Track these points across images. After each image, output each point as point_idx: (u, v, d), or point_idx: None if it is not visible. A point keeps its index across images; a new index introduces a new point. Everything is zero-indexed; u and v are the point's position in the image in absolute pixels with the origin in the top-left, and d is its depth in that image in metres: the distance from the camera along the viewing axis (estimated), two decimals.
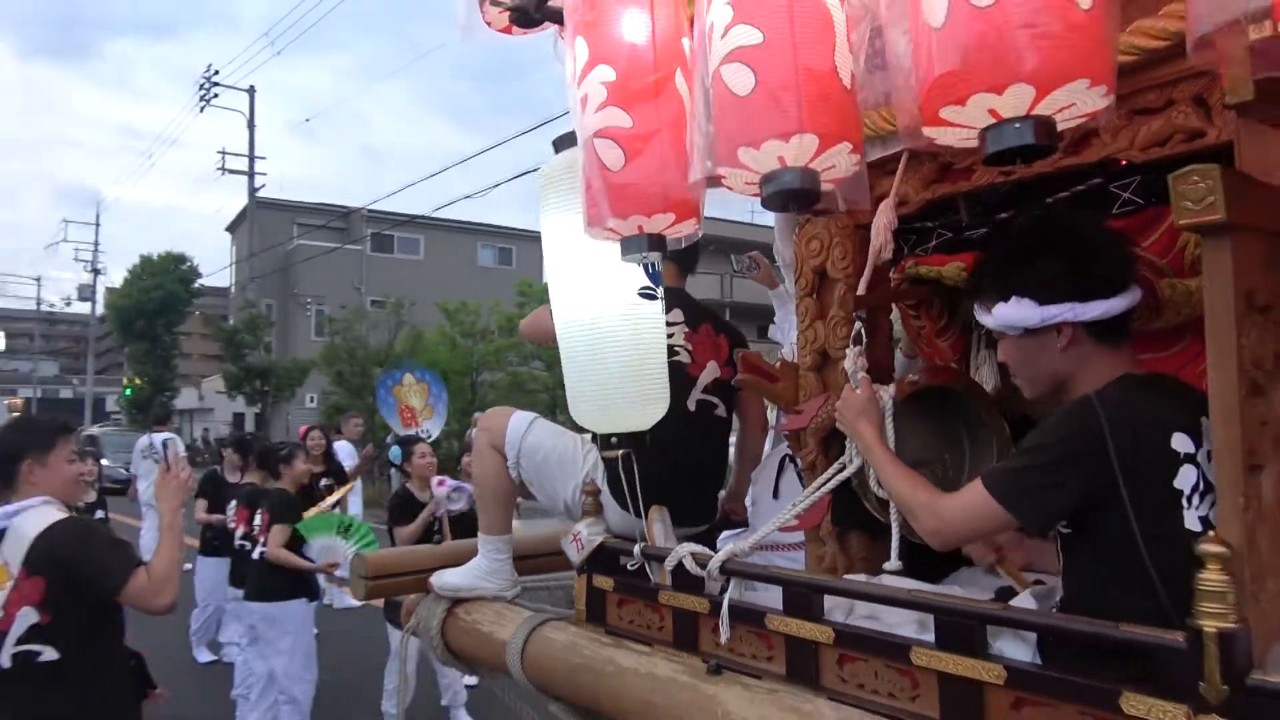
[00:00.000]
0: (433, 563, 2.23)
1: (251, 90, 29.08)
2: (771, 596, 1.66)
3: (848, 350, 1.59)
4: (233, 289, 35.61)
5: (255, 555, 4.42)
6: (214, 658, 6.14)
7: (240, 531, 4.71)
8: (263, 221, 30.32)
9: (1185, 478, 1.17)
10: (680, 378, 1.94)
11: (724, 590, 1.64)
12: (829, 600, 1.54)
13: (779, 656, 1.55)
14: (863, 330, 1.60)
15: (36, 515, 2.22)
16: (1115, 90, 0.95)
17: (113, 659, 2.31)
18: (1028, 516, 1.25)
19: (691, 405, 2.01)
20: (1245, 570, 1.08)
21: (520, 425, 2.05)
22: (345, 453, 6.99)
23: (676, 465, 1.93)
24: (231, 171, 29.75)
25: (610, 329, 1.75)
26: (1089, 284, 1.24)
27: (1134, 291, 1.27)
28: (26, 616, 2.14)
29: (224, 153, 29.64)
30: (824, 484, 1.61)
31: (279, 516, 4.40)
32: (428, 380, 5.21)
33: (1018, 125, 0.94)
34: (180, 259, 32.84)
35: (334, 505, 5.32)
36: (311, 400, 29.63)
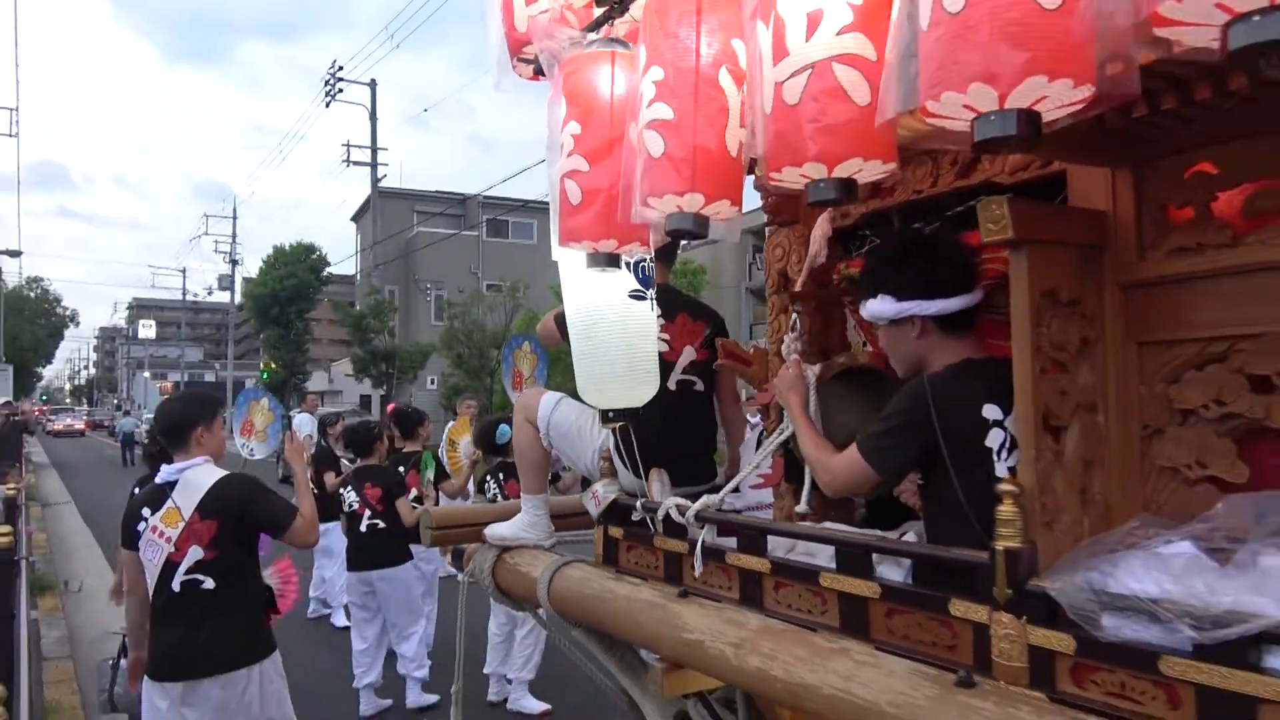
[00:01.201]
0: (486, 518, 2.77)
1: (373, 84, 30.83)
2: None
3: (785, 336, 2.00)
4: (358, 276, 37.92)
5: (364, 527, 5.14)
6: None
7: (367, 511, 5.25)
8: (385, 210, 32.25)
9: (994, 438, 1.53)
10: (660, 363, 2.38)
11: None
12: (774, 541, 1.97)
13: (735, 585, 1.99)
14: (798, 320, 2.00)
15: (204, 471, 2.93)
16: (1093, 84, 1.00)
17: (253, 589, 3.01)
18: (882, 470, 1.65)
19: (672, 385, 2.44)
20: (1036, 505, 1.44)
21: (549, 403, 2.55)
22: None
23: (665, 434, 2.37)
24: (355, 163, 31.68)
25: (607, 325, 2.21)
26: (934, 285, 1.61)
27: (975, 293, 1.62)
28: (194, 553, 2.84)
29: (348, 145, 31.54)
30: (769, 448, 2.03)
31: (397, 490, 5.13)
32: (537, 353, 5.80)
33: (992, 118, 1.01)
34: (310, 249, 35.27)
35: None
36: (432, 382, 31.45)
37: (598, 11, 2.03)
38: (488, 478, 5.22)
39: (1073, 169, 1.58)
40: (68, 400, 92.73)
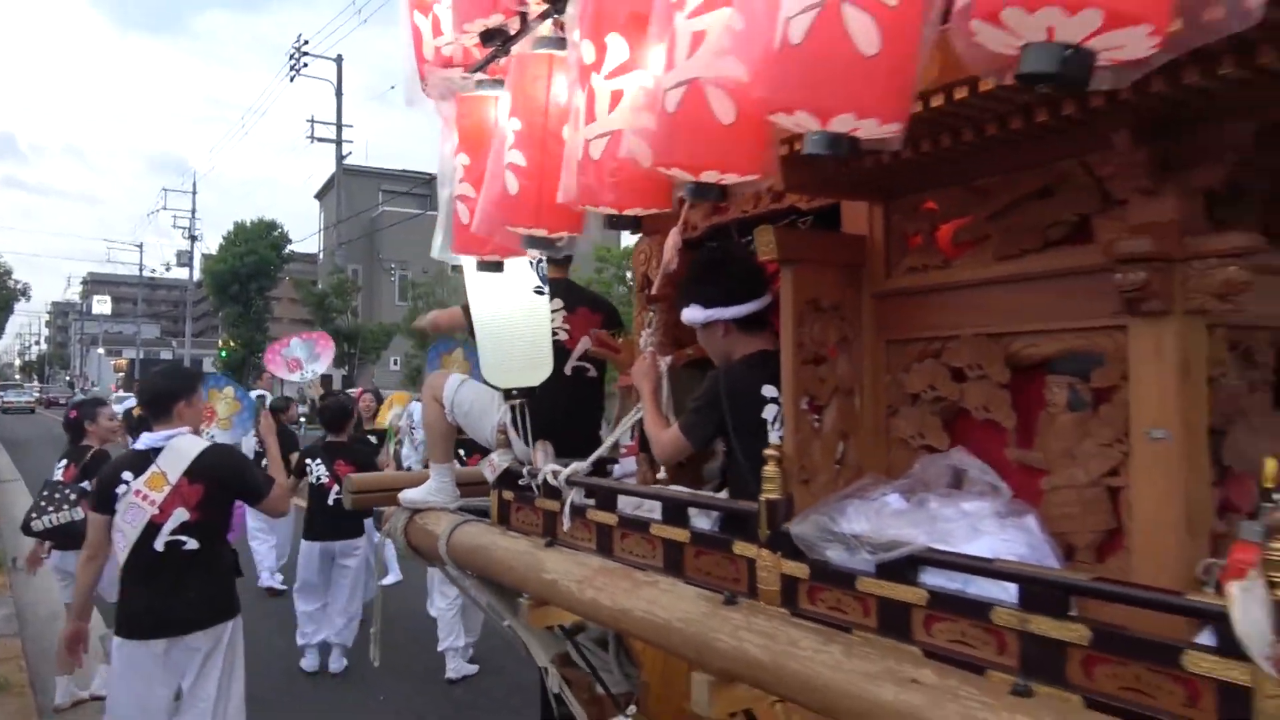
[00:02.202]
0: (400, 484, 3.17)
1: (339, 59, 30.76)
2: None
3: (643, 331, 2.42)
4: (321, 255, 37.87)
5: (331, 500, 5.52)
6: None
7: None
8: (349, 188, 32.28)
9: (769, 412, 1.96)
10: (559, 351, 2.79)
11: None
12: (624, 500, 2.39)
13: (593, 537, 2.41)
14: (654, 317, 2.42)
15: (189, 440, 3.30)
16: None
17: (224, 550, 3.40)
18: (693, 441, 2.08)
19: (568, 370, 2.85)
20: (795, 467, 1.87)
21: (454, 384, 2.95)
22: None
23: (557, 412, 2.78)
24: (320, 140, 31.63)
25: (510, 315, 2.62)
26: (731, 294, 2.04)
27: (766, 298, 2.05)
28: (179, 515, 3.19)
29: (313, 121, 31.45)
30: (626, 425, 2.46)
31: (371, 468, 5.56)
32: (471, 360, 6.22)
33: (1067, 53, 0.91)
34: (271, 226, 35.19)
35: None
36: (396, 363, 31.64)
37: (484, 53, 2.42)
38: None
39: (845, 202, 2.01)
40: (17, 377, 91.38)
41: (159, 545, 3.15)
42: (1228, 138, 1.41)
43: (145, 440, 3.30)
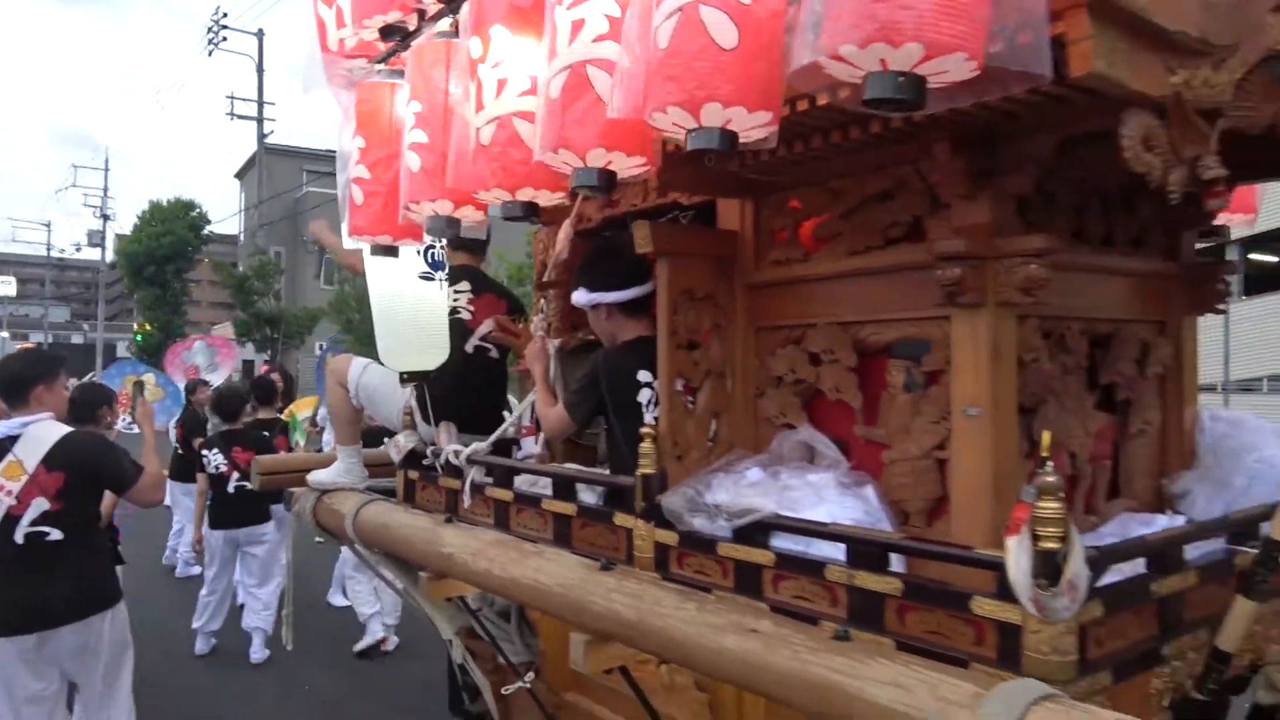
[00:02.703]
0: (309, 465, 3.25)
1: (260, 34, 29.91)
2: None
3: (537, 316, 2.56)
4: (242, 236, 36.83)
5: (231, 488, 5.51)
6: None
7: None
8: (271, 168, 31.43)
9: (644, 395, 2.13)
10: (462, 329, 2.89)
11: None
12: (522, 478, 2.53)
13: (491, 513, 2.55)
14: (546, 303, 2.56)
15: (48, 426, 3.21)
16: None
17: (98, 541, 3.36)
18: (576, 419, 2.24)
19: (469, 349, 2.97)
20: (669, 444, 2.03)
21: (358, 368, 3.05)
22: None
23: (459, 390, 2.90)
24: (240, 117, 30.74)
25: (402, 301, 2.72)
26: (614, 281, 2.19)
27: (647, 285, 2.20)
28: (39, 505, 3.08)
29: (233, 98, 30.53)
30: (524, 406, 2.60)
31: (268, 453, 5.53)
32: None
33: (900, 79, 1.06)
34: (189, 205, 34.07)
35: None
36: (321, 348, 31.08)
37: (385, 45, 2.52)
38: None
39: (721, 200, 2.17)
40: None
41: (19, 537, 3.03)
42: (1032, 151, 1.61)
43: (1, 428, 3.18)
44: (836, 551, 1.64)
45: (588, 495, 2.28)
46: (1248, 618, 1.40)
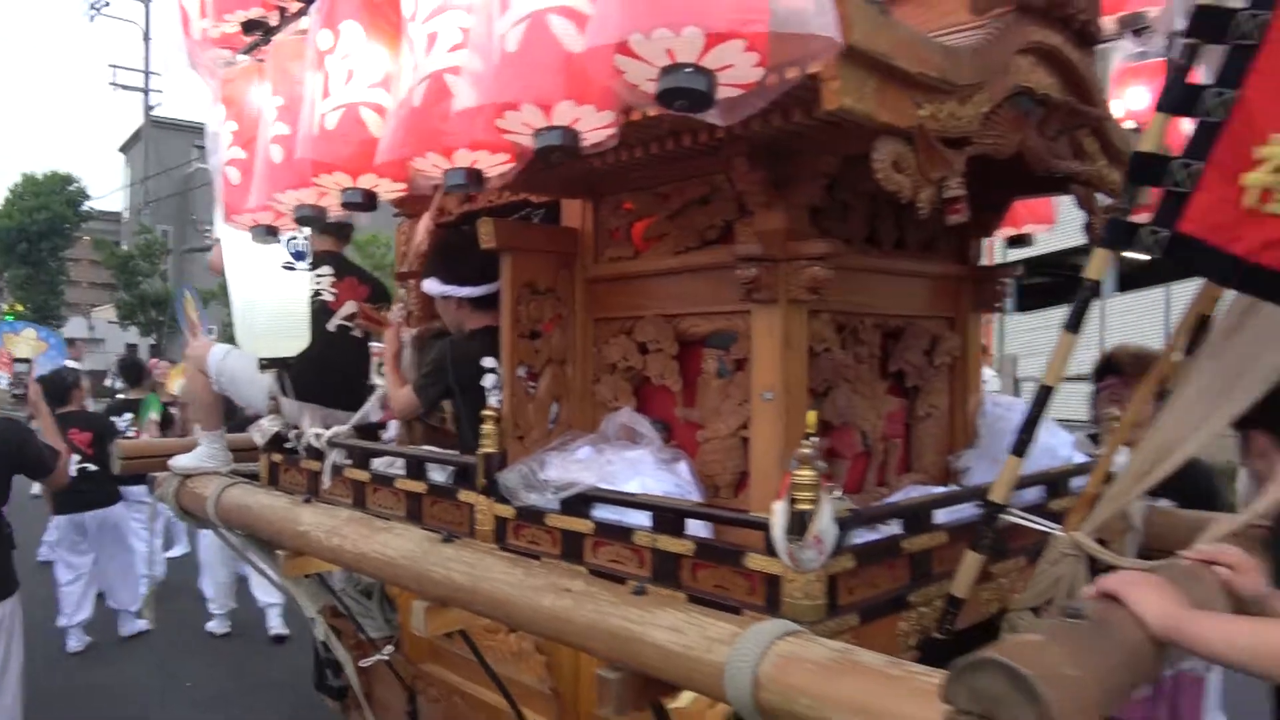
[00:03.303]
0: (171, 450, 3.30)
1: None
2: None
3: (396, 305, 2.70)
4: (126, 213, 35.11)
5: (74, 471, 5.40)
6: None
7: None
8: (158, 142, 30.09)
9: (488, 381, 2.30)
10: (324, 311, 2.99)
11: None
12: (381, 459, 2.66)
13: (350, 493, 2.67)
14: (405, 293, 2.70)
15: None
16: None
17: (7, 529, 3.36)
18: (424, 402, 2.39)
19: (332, 328, 3.07)
20: (510, 426, 2.20)
21: (219, 354, 3.11)
22: None
23: (323, 370, 3.00)
24: (124, 88, 29.32)
25: (262, 290, 2.80)
26: (464, 276, 2.35)
27: (494, 284, 2.37)
28: None
29: (116, 67, 29.07)
30: (380, 391, 2.74)
31: (109, 433, 5.43)
32: (193, 295, 6.06)
33: (689, 70, 1.19)
34: (67, 179, 32.20)
35: None
36: (211, 331, 29.99)
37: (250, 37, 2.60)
38: None
39: (565, 199, 2.35)
40: None
41: None
42: (819, 166, 1.84)
43: None
44: (645, 518, 1.85)
45: (441, 476, 2.44)
46: (975, 568, 1.66)
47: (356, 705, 3.17)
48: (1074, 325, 1.52)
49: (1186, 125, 1.37)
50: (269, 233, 2.49)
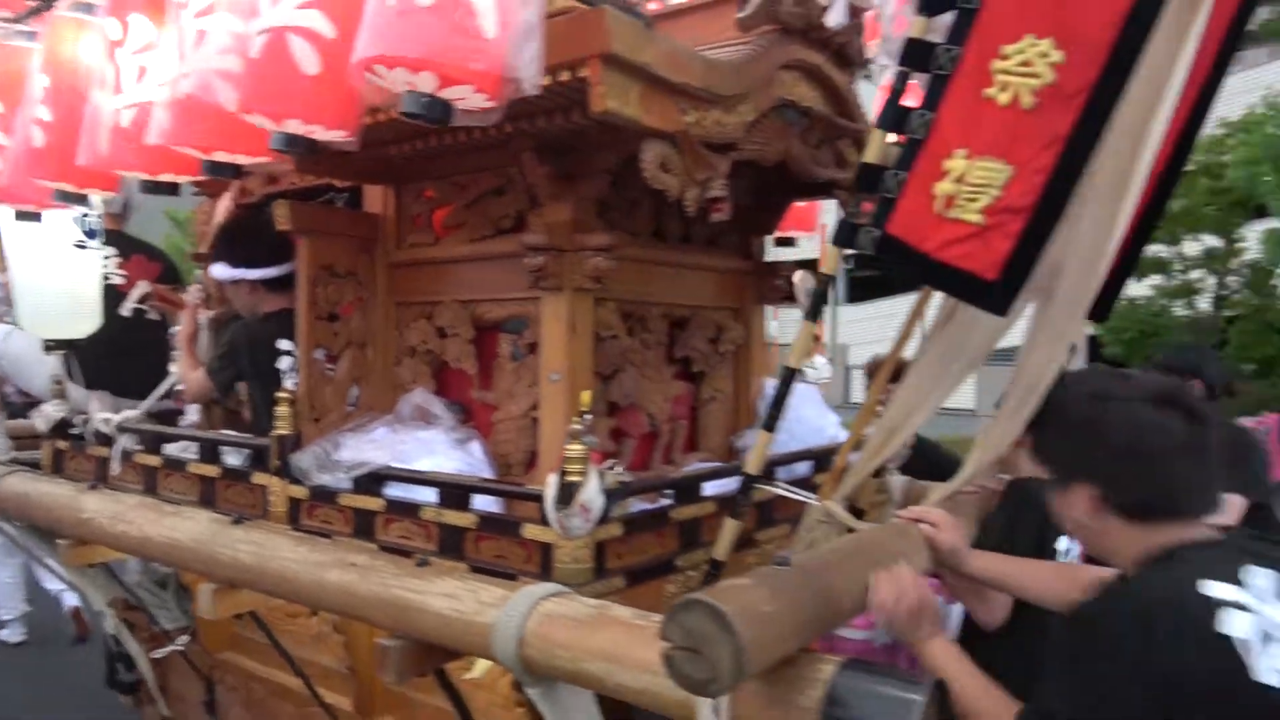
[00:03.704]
0: None
1: None
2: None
3: (192, 287, 2.64)
4: None
5: None
6: None
7: None
8: None
9: (284, 363, 2.31)
10: (114, 294, 2.88)
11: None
12: (176, 444, 2.59)
13: (140, 478, 2.59)
14: (202, 274, 2.65)
15: None
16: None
17: None
18: (217, 385, 2.38)
19: (126, 312, 2.96)
20: (306, 408, 2.22)
21: None
22: None
23: (114, 355, 2.89)
24: None
25: (49, 268, 2.67)
26: (252, 259, 2.35)
27: (287, 265, 2.38)
28: None
29: None
30: (174, 375, 2.68)
31: None
32: None
33: (425, 99, 1.35)
34: None
35: None
36: None
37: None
38: None
39: (366, 185, 2.38)
40: None
41: None
42: (602, 163, 1.97)
43: None
44: (434, 495, 1.93)
45: (237, 459, 2.41)
46: (733, 534, 1.84)
47: (150, 699, 3.07)
48: (812, 315, 1.72)
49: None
50: (30, 216, 2.40)
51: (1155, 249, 9.22)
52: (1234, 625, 1.09)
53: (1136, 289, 9.28)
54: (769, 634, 1.18)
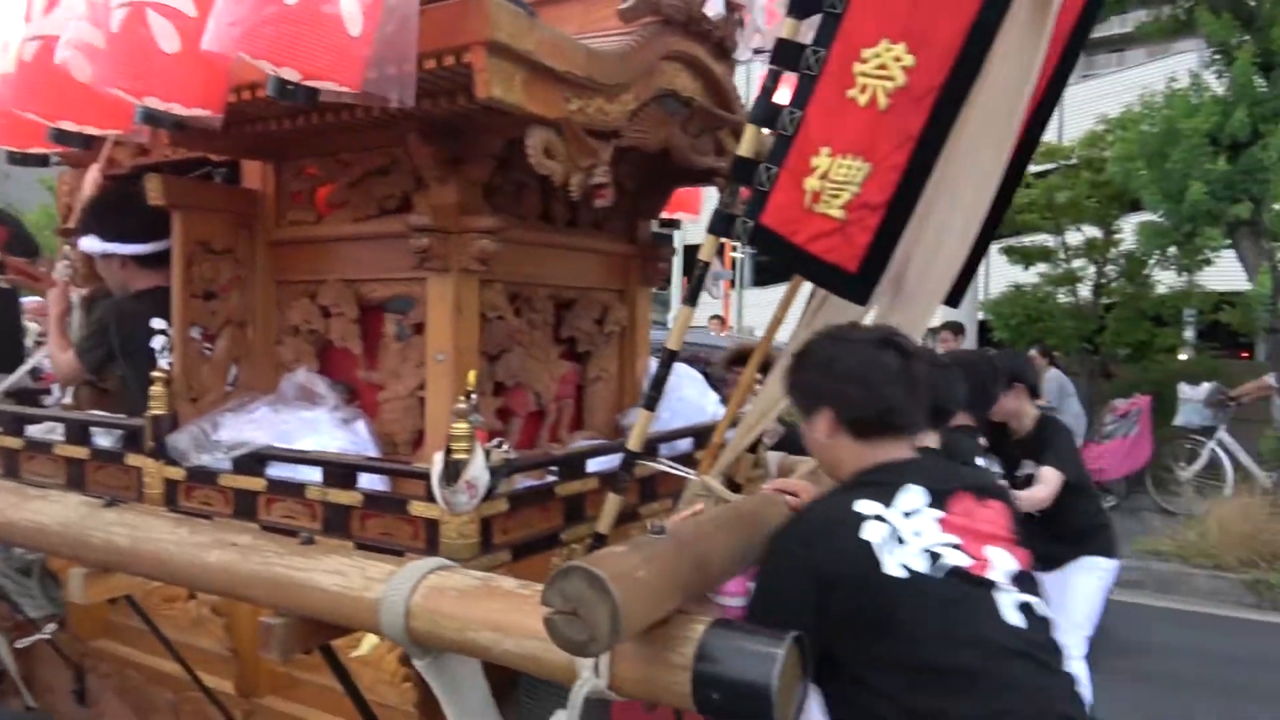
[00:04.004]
0: None
1: None
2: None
3: (59, 262, 2.53)
4: None
5: None
6: None
7: None
8: None
9: (158, 342, 2.27)
10: None
11: None
12: (41, 426, 2.49)
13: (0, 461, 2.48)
14: (71, 249, 2.54)
15: None
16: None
17: None
18: (86, 365, 2.31)
19: None
20: (182, 388, 2.18)
21: None
22: None
23: None
24: None
25: None
26: (124, 233, 2.28)
27: (163, 241, 2.32)
28: None
29: None
30: (40, 355, 2.56)
31: None
32: None
33: (291, 86, 1.42)
34: None
35: None
36: None
37: None
38: None
39: (245, 160, 2.33)
40: None
41: None
42: (487, 147, 2.01)
43: None
44: (319, 475, 1.94)
45: (108, 440, 2.34)
46: (615, 508, 1.92)
47: (15, 690, 2.94)
48: (690, 300, 1.82)
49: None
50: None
51: (1042, 238, 9.75)
52: (872, 533, 1.40)
53: (1024, 276, 9.78)
54: (643, 596, 1.26)
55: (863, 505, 1.43)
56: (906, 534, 1.41)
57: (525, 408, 2.33)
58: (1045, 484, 3.18)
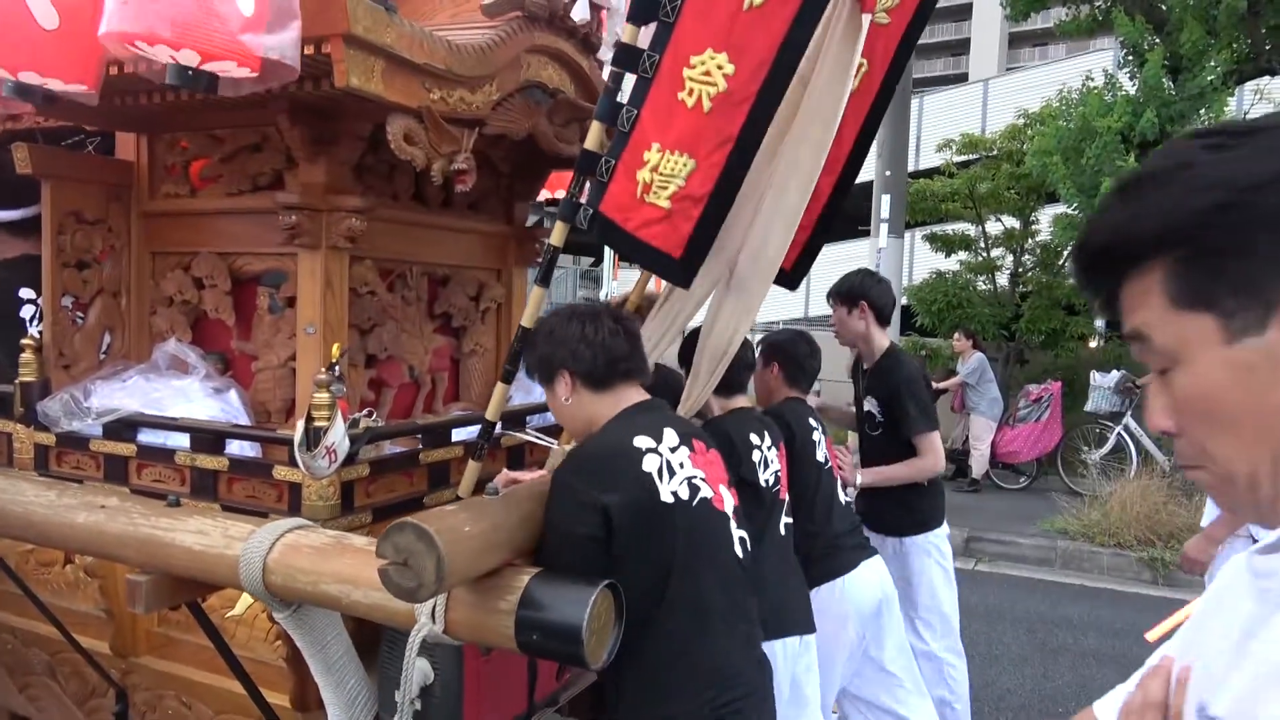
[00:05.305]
0: None
1: None
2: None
3: None
4: None
5: None
6: None
7: None
8: None
9: (27, 311, 2.32)
10: None
11: None
12: None
13: None
14: None
15: None
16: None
17: None
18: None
19: None
20: (54, 355, 2.23)
21: None
22: None
23: None
24: None
25: None
26: None
27: (31, 208, 2.36)
28: None
29: None
30: None
31: None
32: None
33: (190, 71, 1.50)
34: None
35: None
36: None
37: None
38: None
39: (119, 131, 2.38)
40: None
41: None
42: (355, 130, 2.11)
43: None
44: (188, 441, 2.03)
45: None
46: (475, 474, 2.08)
47: None
48: (543, 280, 1.97)
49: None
50: None
51: (964, 227, 10.10)
52: (650, 465, 1.61)
53: (946, 263, 10.13)
54: (469, 549, 1.42)
55: (640, 440, 1.63)
56: (675, 465, 1.64)
57: (398, 379, 2.45)
58: (931, 451, 2.93)
